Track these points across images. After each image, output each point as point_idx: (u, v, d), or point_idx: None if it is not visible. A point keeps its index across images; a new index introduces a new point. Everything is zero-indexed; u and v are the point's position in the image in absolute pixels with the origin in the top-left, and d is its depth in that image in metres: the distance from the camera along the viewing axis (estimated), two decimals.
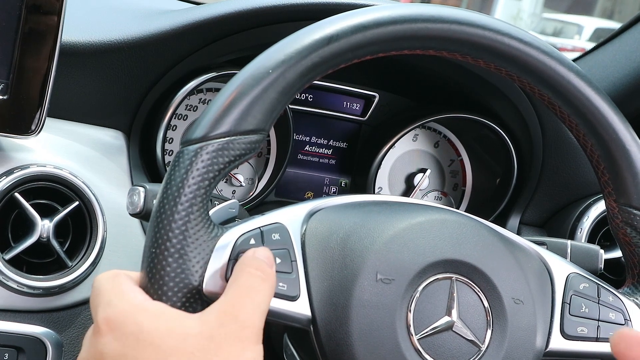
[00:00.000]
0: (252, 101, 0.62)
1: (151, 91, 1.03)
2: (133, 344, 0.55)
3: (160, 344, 0.55)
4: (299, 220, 0.70)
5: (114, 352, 0.56)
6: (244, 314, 0.58)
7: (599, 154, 0.75)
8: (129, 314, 0.57)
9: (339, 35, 0.65)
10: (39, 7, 0.82)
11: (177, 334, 0.56)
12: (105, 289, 0.60)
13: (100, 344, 0.56)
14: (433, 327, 0.68)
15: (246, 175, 1.18)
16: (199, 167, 0.61)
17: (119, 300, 0.58)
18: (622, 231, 0.77)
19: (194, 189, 0.61)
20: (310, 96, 1.20)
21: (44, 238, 0.88)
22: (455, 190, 1.29)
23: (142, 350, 0.55)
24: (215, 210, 0.70)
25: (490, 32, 0.70)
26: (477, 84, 1.13)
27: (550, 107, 0.76)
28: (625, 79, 1.21)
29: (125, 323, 0.56)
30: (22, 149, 0.92)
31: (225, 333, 0.57)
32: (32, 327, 0.89)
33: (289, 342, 0.75)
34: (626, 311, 0.76)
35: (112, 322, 0.57)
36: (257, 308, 0.59)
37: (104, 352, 0.56)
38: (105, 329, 0.57)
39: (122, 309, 0.57)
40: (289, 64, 0.63)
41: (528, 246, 0.79)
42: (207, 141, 0.61)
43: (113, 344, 0.56)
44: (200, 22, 0.99)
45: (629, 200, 0.75)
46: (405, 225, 0.71)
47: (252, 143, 0.63)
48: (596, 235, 1.15)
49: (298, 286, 0.66)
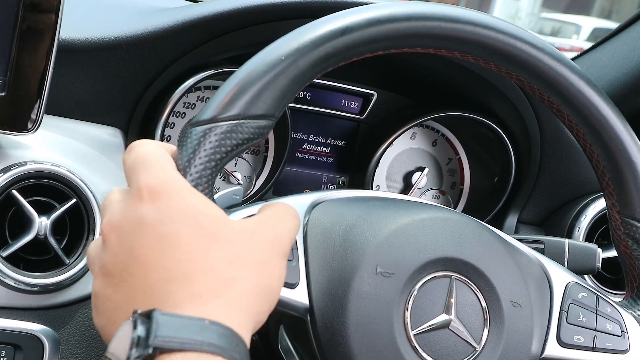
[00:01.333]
0: (263, 86, 0.62)
1: (149, 89, 1.03)
2: (176, 218, 0.55)
3: (203, 224, 0.55)
4: (302, 210, 0.71)
5: (154, 221, 0.55)
6: (280, 228, 0.61)
7: (605, 165, 0.75)
8: (176, 189, 0.57)
9: (353, 28, 0.65)
10: (37, 4, 0.82)
11: (220, 220, 0.57)
12: (151, 157, 0.59)
13: (141, 210, 0.55)
14: (430, 324, 0.68)
15: (244, 173, 1.18)
16: (206, 147, 0.61)
17: (166, 174, 0.58)
18: (623, 243, 0.77)
19: (200, 169, 0.60)
20: (309, 94, 1.20)
21: (41, 235, 0.87)
22: (453, 188, 1.29)
23: (184, 225, 0.55)
24: (219, 195, 0.70)
25: (505, 36, 0.70)
26: (475, 82, 1.13)
27: (559, 114, 0.75)
28: (623, 78, 1.21)
29: (172, 196, 0.56)
30: (20, 146, 0.92)
31: (265, 236, 0.59)
32: (29, 324, 0.89)
33: (285, 334, 0.75)
34: (623, 323, 0.76)
35: (157, 192, 0.56)
36: (290, 228, 0.62)
37: (144, 218, 0.55)
38: (148, 197, 0.56)
39: (170, 183, 0.57)
40: (302, 52, 0.64)
41: (529, 252, 0.79)
42: (216, 122, 0.61)
43: (155, 213, 0.55)
44: (198, 19, 0.99)
45: (632, 212, 0.75)
46: (408, 221, 0.71)
47: (260, 128, 0.63)
48: (594, 234, 1.15)
49: (298, 274, 0.67)
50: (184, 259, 0.54)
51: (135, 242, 0.55)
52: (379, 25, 0.66)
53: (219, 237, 0.55)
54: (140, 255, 0.54)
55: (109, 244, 0.56)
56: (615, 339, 0.75)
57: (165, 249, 0.54)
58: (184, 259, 0.54)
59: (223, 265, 0.55)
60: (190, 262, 0.54)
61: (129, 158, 0.60)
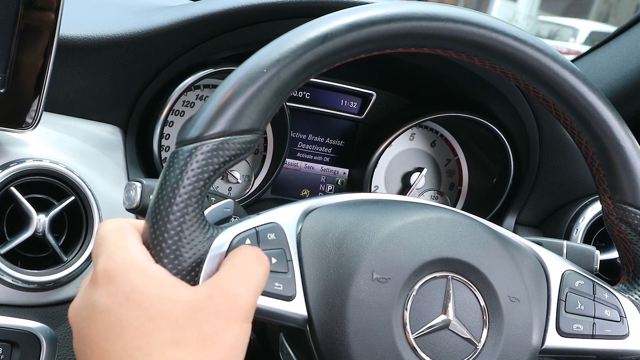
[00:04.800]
0: (246, 101, 0.62)
1: (148, 87, 1.03)
2: (122, 302, 0.55)
3: (147, 307, 0.55)
4: (295, 220, 0.70)
5: (103, 307, 0.56)
6: (236, 289, 0.58)
7: (594, 151, 0.75)
8: (125, 271, 0.57)
9: (333, 34, 0.64)
10: (36, 2, 0.82)
11: (165, 299, 0.56)
12: (109, 239, 0.60)
13: (94, 295, 0.56)
14: (429, 325, 0.68)
15: (242, 173, 1.17)
16: (193, 167, 0.60)
17: (119, 255, 0.58)
18: (617, 228, 0.77)
19: (189, 189, 0.60)
20: (308, 94, 1.20)
21: (39, 232, 0.87)
22: (451, 189, 1.29)
23: (129, 310, 0.55)
24: (210, 210, 0.70)
25: (485, 30, 0.70)
26: (474, 83, 1.13)
27: (545, 104, 0.76)
28: (622, 80, 1.21)
29: (120, 280, 0.56)
30: (19, 143, 0.92)
31: (214, 305, 0.56)
32: (26, 321, 0.89)
33: (285, 342, 0.75)
34: (622, 308, 0.77)
35: (109, 276, 0.57)
36: (250, 285, 0.59)
37: (95, 304, 0.56)
38: (102, 281, 0.57)
39: (121, 264, 0.57)
40: (283, 63, 0.63)
41: (523, 244, 0.79)
42: (201, 141, 0.61)
43: (105, 297, 0.56)
44: (197, 18, 0.99)
45: (623, 197, 0.76)
46: (401, 224, 0.71)
47: (247, 143, 0.63)
48: (592, 236, 1.15)
49: (294, 286, 0.66)
50: (129, 346, 0.54)
51: (88, 330, 0.56)
52: (359, 30, 0.65)
53: (163, 319, 0.55)
54: (92, 342, 0.56)
55: (73, 329, 0.59)
56: (615, 325, 0.76)
57: (114, 335, 0.55)
58: (129, 346, 0.54)
59: (168, 348, 0.54)
60: (137, 348, 0.54)
61: (94, 241, 0.62)
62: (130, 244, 0.60)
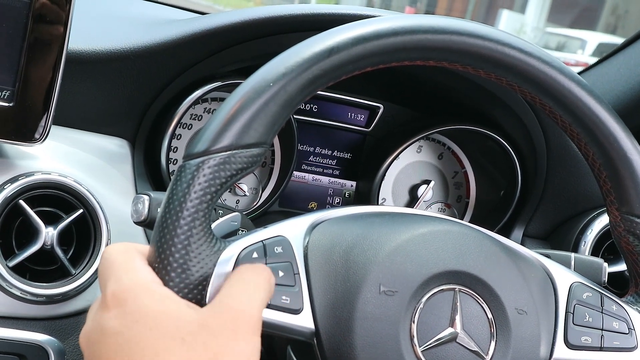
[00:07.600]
0: (253, 114, 0.62)
1: (156, 100, 1.03)
2: (131, 324, 0.56)
3: (154, 326, 0.55)
4: (302, 233, 0.70)
5: (114, 329, 0.56)
6: (240, 304, 0.58)
7: (601, 163, 0.75)
8: (134, 294, 0.57)
9: (339, 48, 0.65)
10: (46, 15, 0.83)
11: (172, 318, 0.56)
12: (117, 262, 0.60)
13: (104, 319, 0.57)
14: (437, 338, 0.68)
15: (250, 185, 1.18)
16: (200, 181, 0.61)
17: (128, 277, 0.59)
18: (624, 239, 0.77)
19: (196, 203, 0.60)
20: (315, 107, 1.21)
21: (47, 245, 0.88)
22: (459, 202, 1.29)
23: (138, 331, 0.55)
24: (217, 224, 0.70)
25: (490, 42, 0.70)
26: (481, 95, 1.13)
27: (552, 116, 0.76)
28: (630, 92, 1.21)
29: (129, 302, 0.57)
30: (27, 157, 0.92)
31: (220, 322, 0.57)
32: (34, 334, 0.89)
33: (293, 355, 0.75)
34: (630, 320, 0.76)
35: (118, 299, 0.57)
36: (255, 300, 0.59)
37: (105, 328, 0.56)
38: (111, 304, 0.57)
39: (129, 287, 0.58)
40: (290, 77, 0.63)
41: (531, 256, 0.78)
42: (209, 155, 0.61)
43: (114, 320, 0.56)
44: (205, 32, 0.99)
45: (631, 208, 0.75)
46: (408, 237, 0.70)
47: (253, 156, 0.63)
48: (600, 248, 1.15)
49: (301, 299, 0.66)
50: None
51: (99, 352, 0.57)
52: (365, 43, 0.65)
53: (170, 338, 0.56)
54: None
55: (84, 353, 0.59)
56: (623, 337, 0.75)
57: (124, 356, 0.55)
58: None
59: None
60: None
61: (100, 265, 0.62)
62: (137, 266, 0.60)
